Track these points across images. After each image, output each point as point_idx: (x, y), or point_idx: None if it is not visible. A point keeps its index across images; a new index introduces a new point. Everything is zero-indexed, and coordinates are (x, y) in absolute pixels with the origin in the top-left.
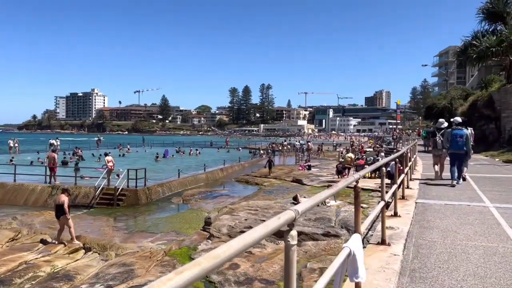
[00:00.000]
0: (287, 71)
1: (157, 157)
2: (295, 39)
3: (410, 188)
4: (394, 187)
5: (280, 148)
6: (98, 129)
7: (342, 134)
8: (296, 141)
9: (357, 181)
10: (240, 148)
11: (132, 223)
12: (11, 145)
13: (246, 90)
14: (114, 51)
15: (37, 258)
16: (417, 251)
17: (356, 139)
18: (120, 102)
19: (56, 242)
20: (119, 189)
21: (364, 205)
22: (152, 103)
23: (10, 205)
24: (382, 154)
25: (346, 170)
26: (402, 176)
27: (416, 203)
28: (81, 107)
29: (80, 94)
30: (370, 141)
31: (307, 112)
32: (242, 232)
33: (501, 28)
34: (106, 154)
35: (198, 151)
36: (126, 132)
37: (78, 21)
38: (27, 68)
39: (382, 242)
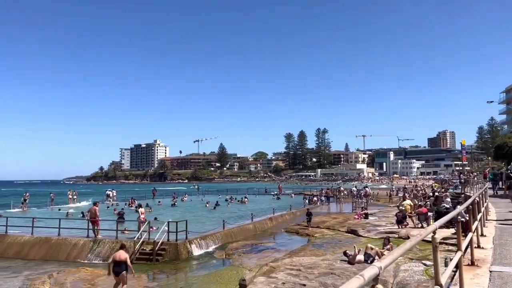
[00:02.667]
0: (343, 114)
1: (206, 205)
2: (350, 80)
3: (482, 248)
4: (459, 254)
5: (335, 194)
6: (160, 179)
7: (405, 177)
8: (353, 186)
9: (434, 232)
10: (293, 195)
11: (166, 283)
12: (70, 196)
13: (302, 135)
14: (174, 102)
15: None
16: None
17: (419, 182)
18: (180, 152)
19: None
20: (159, 243)
21: (427, 262)
22: (210, 151)
23: (53, 260)
24: (448, 199)
25: (407, 219)
26: (470, 234)
27: (490, 272)
28: (144, 157)
29: (143, 145)
30: (436, 184)
31: (366, 156)
32: None
33: None
34: (140, 206)
35: (246, 198)
36: (186, 180)
37: (140, 76)
38: (95, 123)
39: None
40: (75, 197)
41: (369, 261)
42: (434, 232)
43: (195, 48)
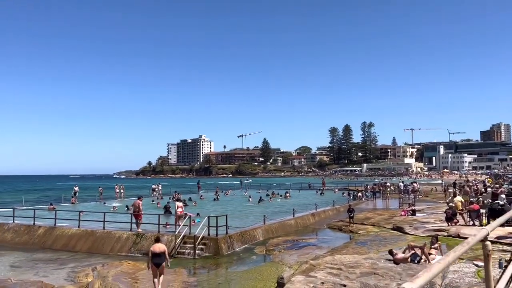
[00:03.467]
0: (391, 107)
1: (249, 200)
2: (398, 72)
3: None
4: None
5: (381, 189)
6: (205, 173)
7: (455, 172)
8: (400, 182)
9: (485, 239)
10: (337, 190)
11: (205, 278)
12: (117, 190)
13: (347, 129)
14: (218, 98)
15: None
16: None
17: (471, 177)
18: (224, 147)
19: None
20: (200, 238)
21: (479, 263)
22: (254, 146)
23: (98, 253)
24: (503, 196)
25: (458, 216)
26: None
27: None
28: (190, 152)
29: (189, 141)
30: (489, 179)
31: (414, 150)
32: None
33: None
34: (177, 200)
35: (288, 194)
36: (231, 175)
37: (185, 74)
38: (144, 119)
39: None
40: (122, 191)
41: (415, 261)
42: (485, 239)
43: (237, 42)
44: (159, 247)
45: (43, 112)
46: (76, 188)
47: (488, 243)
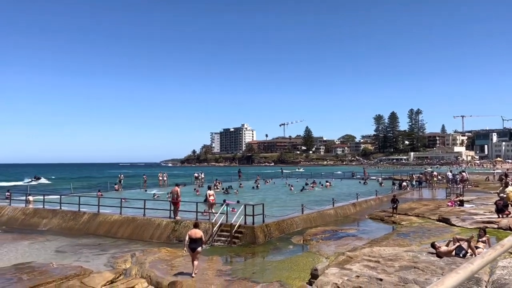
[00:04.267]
0: (440, 94)
1: (291, 189)
2: (449, 56)
3: None
4: None
5: (428, 179)
6: (248, 161)
7: (509, 161)
8: (448, 171)
9: None
10: (380, 179)
11: (240, 267)
12: (160, 178)
13: (393, 117)
14: (261, 87)
15: None
16: None
17: None
18: (266, 135)
19: (193, 274)
20: (236, 226)
21: None
22: (296, 134)
23: (138, 239)
24: None
25: (509, 208)
26: None
27: None
28: (232, 141)
29: (232, 130)
30: None
31: (464, 138)
32: None
33: None
34: (209, 188)
35: (328, 183)
36: (272, 164)
37: (227, 65)
38: (190, 108)
39: None
40: (165, 179)
41: (461, 255)
42: None
43: (278, 34)
44: (196, 233)
45: (101, 105)
46: (121, 176)
47: None
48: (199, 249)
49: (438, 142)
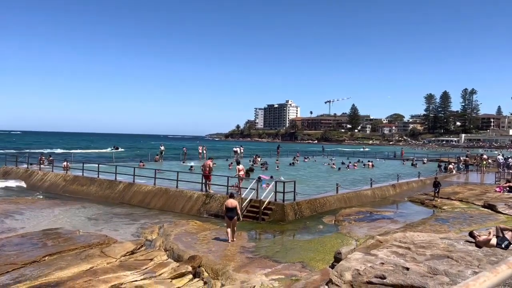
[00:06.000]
0: (496, 72)
1: (332, 166)
2: (506, 34)
3: None
4: None
5: (477, 162)
6: (291, 138)
7: None
8: (499, 154)
9: None
10: (425, 160)
11: (265, 245)
12: (200, 151)
13: (445, 96)
14: (307, 63)
15: (135, 281)
16: None
17: None
18: (311, 112)
19: (230, 240)
20: (265, 203)
21: None
22: (342, 112)
23: (169, 211)
24: None
25: None
26: None
27: None
28: (276, 117)
29: (276, 106)
30: None
31: None
32: (369, 283)
33: None
34: (238, 163)
35: (370, 162)
36: (316, 141)
37: (273, 40)
38: (234, 84)
39: None
40: (204, 152)
41: (503, 246)
42: None
43: (327, 8)
44: (232, 203)
45: (158, 81)
46: (162, 148)
47: None
48: (235, 217)
49: (492, 124)
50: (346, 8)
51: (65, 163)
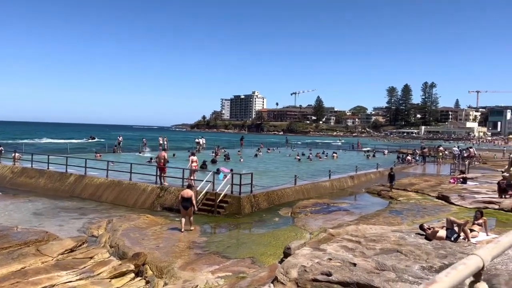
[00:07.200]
0: (455, 67)
1: (295, 158)
2: (466, 30)
3: None
4: None
5: (433, 153)
6: (257, 129)
7: None
8: (455, 146)
9: None
10: (386, 151)
11: (216, 239)
12: (161, 142)
13: (406, 89)
14: (273, 55)
15: (69, 282)
16: None
17: None
18: (277, 104)
19: (183, 230)
20: (221, 195)
21: None
22: (307, 104)
23: (122, 205)
24: None
25: None
26: None
27: None
28: (243, 108)
29: (243, 97)
30: None
31: (478, 113)
32: (315, 280)
33: None
34: (192, 154)
35: (335, 154)
36: (282, 133)
37: (240, 31)
38: (200, 74)
39: None
40: (165, 143)
41: (452, 238)
42: None
43: (292, 1)
44: (187, 193)
45: (118, 68)
46: (120, 138)
47: None
48: (191, 208)
49: (450, 117)
50: (311, 2)
51: (14, 154)
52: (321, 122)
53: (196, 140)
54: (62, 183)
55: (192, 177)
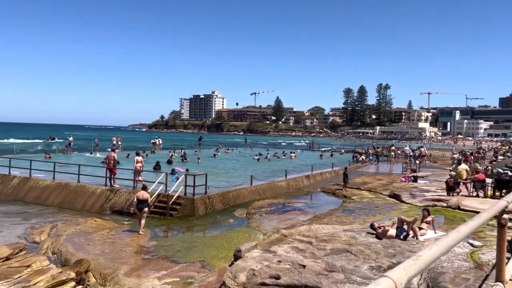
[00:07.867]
0: (408, 70)
1: (254, 158)
2: (416, 35)
3: None
4: None
5: (385, 153)
6: (217, 129)
7: (470, 138)
8: (406, 146)
9: (503, 212)
10: (343, 151)
11: (167, 243)
12: (114, 142)
13: (362, 91)
14: (233, 55)
15: None
16: None
17: (484, 144)
18: (237, 104)
19: (141, 232)
20: (174, 197)
21: (475, 243)
22: (267, 104)
23: (69, 208)
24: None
25: (461, 186)
26: None
27: None
28: (202, 108)
29: (202, 96)
30: (503, 148)
31: (429, 114)
32: (263, 284)
33: None
34: (137, 154)
35: (293, 154)
36: (242, 133)
37: (199, 30)
38: (158, 73)
39: None
40: (119, 143)
41: (401, 237)
42: (503, 212)
43: (254, 2)
44: (143, 195)
45: (78, 67)
46: (71, 138)
47: (505, 216)
48: (146, 209)
49: (404, 117)
50: (273, 3)
51: None
52: (280, 122)
53: (152, 140)
54: (5, 186)
55: (137, 178)
